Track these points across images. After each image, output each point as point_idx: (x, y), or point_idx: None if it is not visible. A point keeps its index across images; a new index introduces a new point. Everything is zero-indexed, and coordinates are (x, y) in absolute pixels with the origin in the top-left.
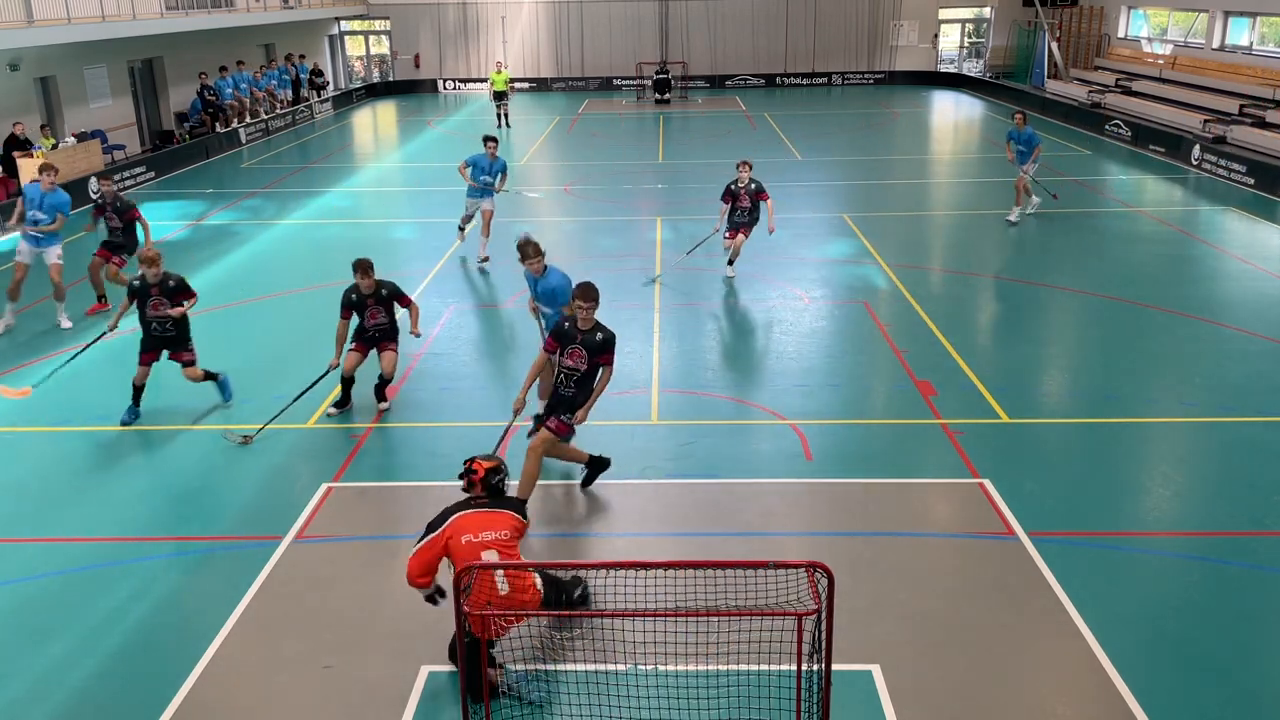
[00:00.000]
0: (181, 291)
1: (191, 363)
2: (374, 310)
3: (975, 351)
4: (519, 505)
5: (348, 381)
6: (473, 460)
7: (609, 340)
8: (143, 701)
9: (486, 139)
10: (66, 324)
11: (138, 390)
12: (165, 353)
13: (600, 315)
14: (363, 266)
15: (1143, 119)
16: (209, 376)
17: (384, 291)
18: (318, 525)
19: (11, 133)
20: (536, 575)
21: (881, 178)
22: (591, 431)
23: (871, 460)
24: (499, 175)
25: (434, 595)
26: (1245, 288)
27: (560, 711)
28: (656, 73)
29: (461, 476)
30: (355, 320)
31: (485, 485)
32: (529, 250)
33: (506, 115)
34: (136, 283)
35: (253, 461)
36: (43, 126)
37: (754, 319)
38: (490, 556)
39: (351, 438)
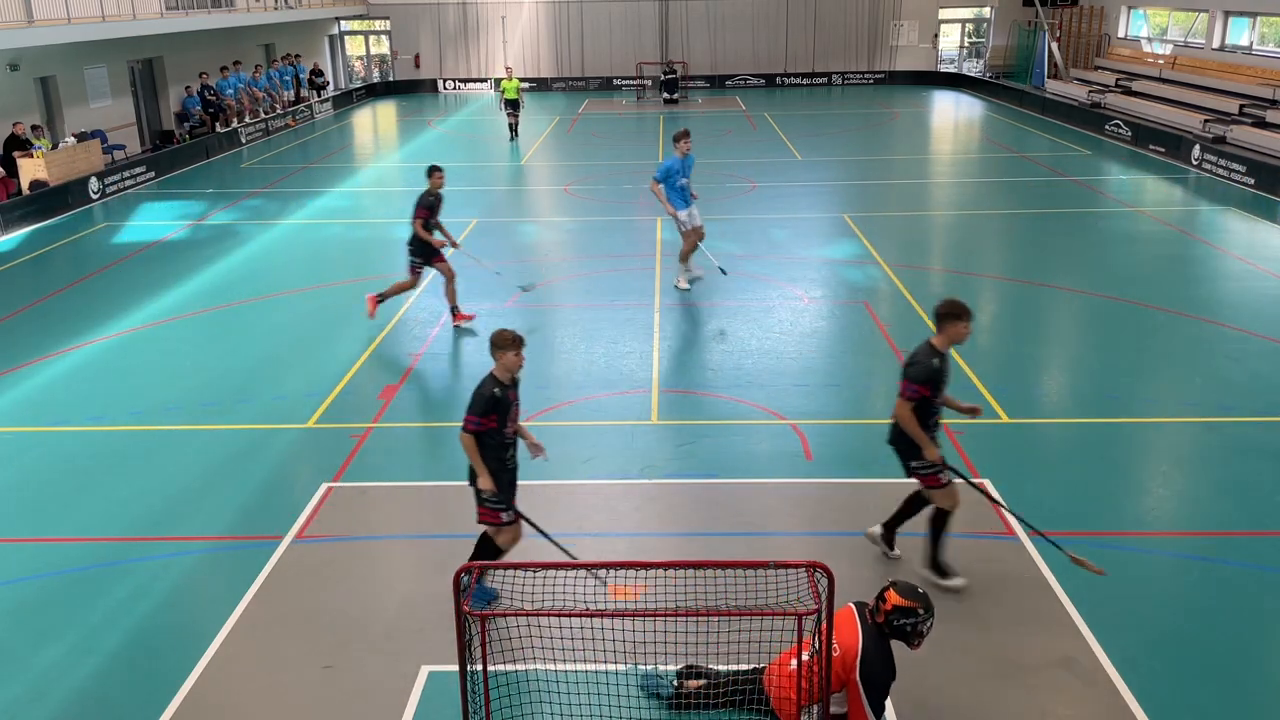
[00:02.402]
0: None
1: None
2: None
3: (975, 351)
4: None
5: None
6: None
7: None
8: (143, 701)
9: (678, 136)
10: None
11: None
12: None
13: (600, 315)
14: (436, 168)
15: (1143, 119)
16: None
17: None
18: (318, 525)
19: (12, 133)
20: None
21: (881, 178)
22: (591, 431)
23: (871, 460)
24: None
25: None
26: (1245, 288)
27: (560, 711)
28: (664, 73)
29: None
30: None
31: None
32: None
33: (516, 126)
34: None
35: (253, 461)
36: (34, 127)
37: (754, 319)
38: None
39: (351, 438)
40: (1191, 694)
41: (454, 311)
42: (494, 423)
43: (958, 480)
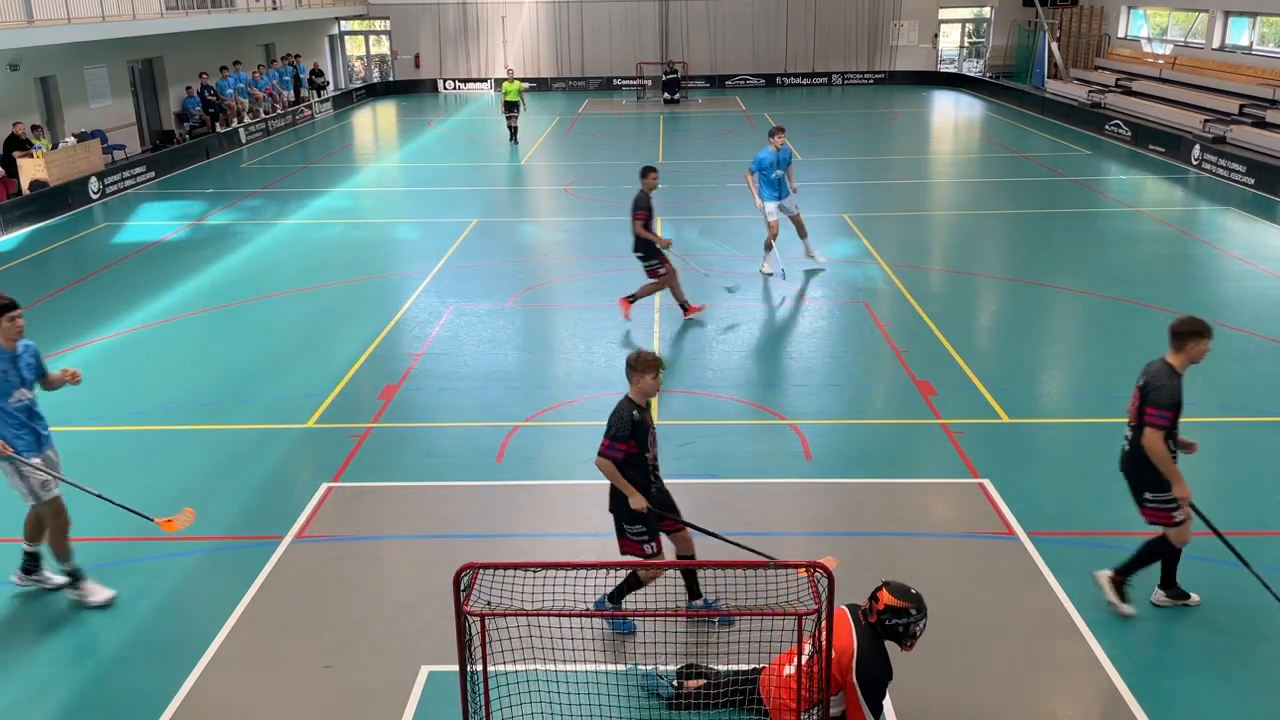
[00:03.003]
0: None
1: None
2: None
3: (975, 351)
4: None
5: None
6: None
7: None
8: (143, 701)
9: (773, 131)
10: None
11: None
12: None
13: (600, 315)
14: (651, 169)
15: (1143, 119)
16: None
17: None
18: (318, 525)
19: (12, 133)
20: None
21: (881, 178)
22: (591, 431)
23: (871, 460)
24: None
25: None
26: (1245, 288)
27: (560, 711)
28: (665, 73)
29: None
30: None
31: None
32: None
33: (516, 130)
34: None
35: (253, 461)
36: (34, 127)
37: (754, 319)
38: None
39: (351, 438)
40: (1192, 694)
41: (684, 307)
42: (634, 448)
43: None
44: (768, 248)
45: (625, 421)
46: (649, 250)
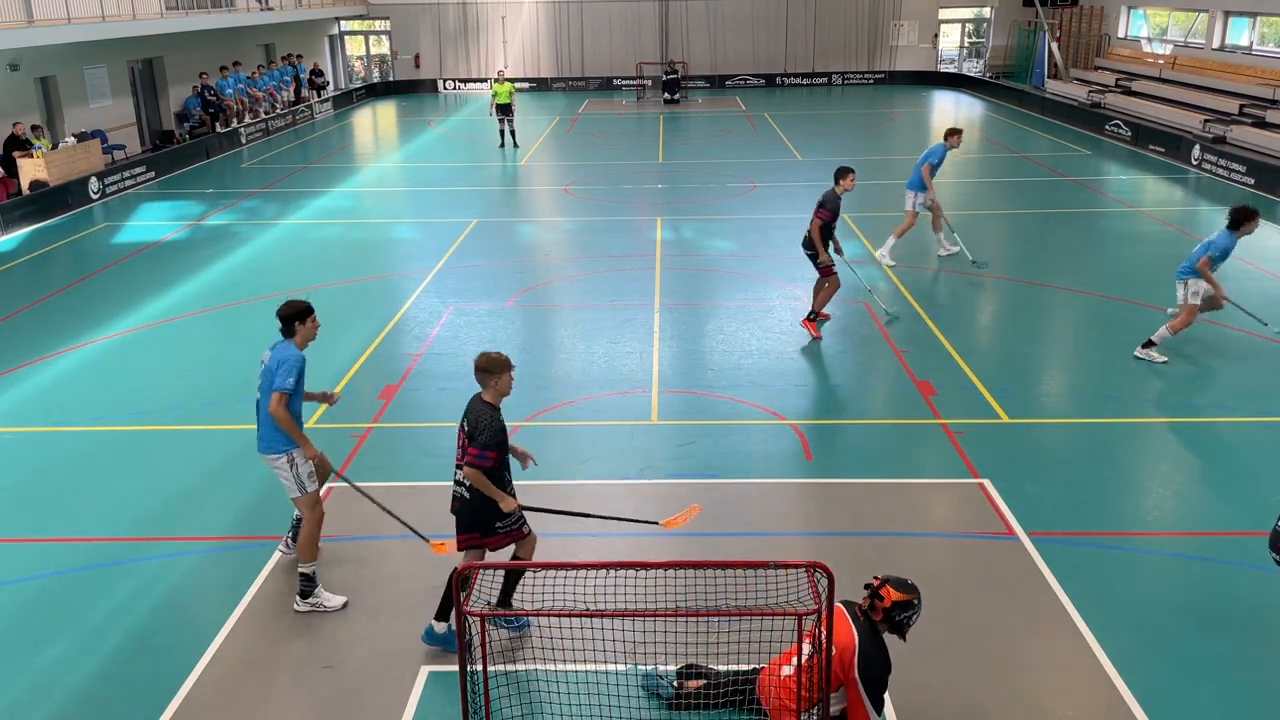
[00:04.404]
0: None
1: None
2: None
3: (975, 351)
4: None
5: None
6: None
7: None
8: (143, 702)
9: (951, 131)
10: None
11: None
12: None
13: (600, 315)
14: (848, 169)
15: (1143, 119)
16: None
17: None
18: None
19: (12, 133)
20: None
21: (881, 178)
22: (591, 431)
23: (871, 460)
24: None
25: None
26: (1245, 288)
27: (560, 711)
28: (665, 73)
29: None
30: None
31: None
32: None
33: (514, 134)
34: None
35: (253, 462)
36: (34, 127)
37: (754, 319)
38: None
39: (351, 438)
40: (1192, 694)
41: (814, 316)
42: (502, 452)
43: None
44: (938, 228)
45: (498, 428)
46: (815, 249)
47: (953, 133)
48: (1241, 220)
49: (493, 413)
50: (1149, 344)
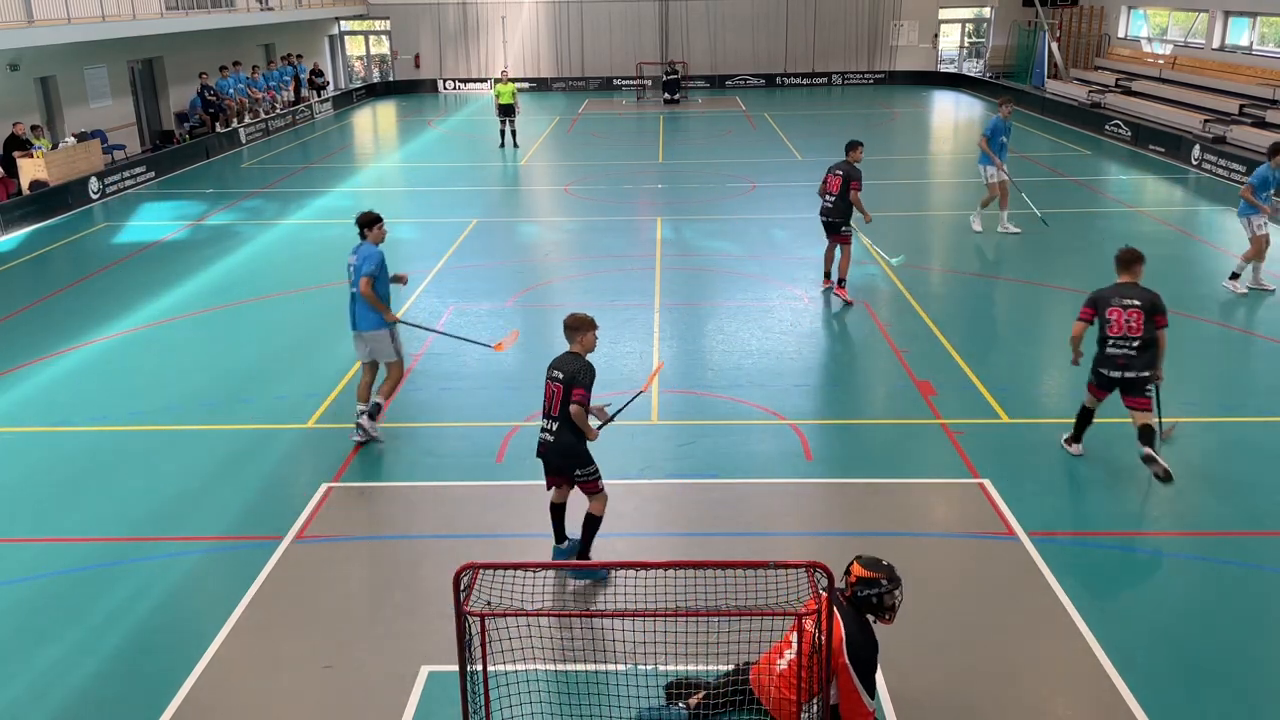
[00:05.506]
0: None
1: None
2: None
3: (975, 351)
4: None
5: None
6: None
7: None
8: (142, 702)
9: (1002, 102)
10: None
11: None
12: None
13: (600, 315)
14: (857, 141)
15: (1143, 119)
16: None
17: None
18: (318, 525)
19: (12, 133)
20: None
21: (881, 178)
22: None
23: (871, 460)
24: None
25: None
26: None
27: (560, 711)
28: (665, 73)
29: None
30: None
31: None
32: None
33: (514, 134)
34: None
35: (253, 462)
36: (34, 127)
37: (754, 319)
38: None
39: (352, 438)
40: (1192, 694)
41: (840, 283)
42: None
43: None
44: (984, 205)
45: (592, 370)
46: (848, 216)
47: (1003, 103)
48: (1277, 150)
49: (585, 361)
50: (1234, 275)
